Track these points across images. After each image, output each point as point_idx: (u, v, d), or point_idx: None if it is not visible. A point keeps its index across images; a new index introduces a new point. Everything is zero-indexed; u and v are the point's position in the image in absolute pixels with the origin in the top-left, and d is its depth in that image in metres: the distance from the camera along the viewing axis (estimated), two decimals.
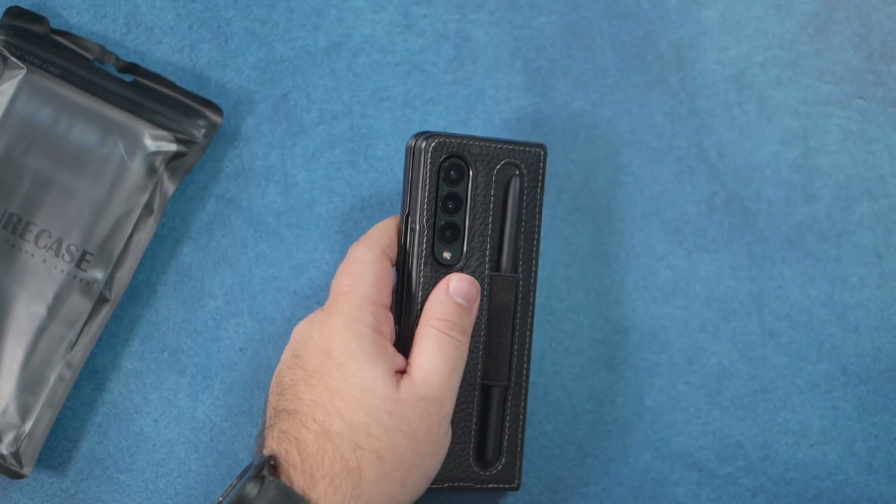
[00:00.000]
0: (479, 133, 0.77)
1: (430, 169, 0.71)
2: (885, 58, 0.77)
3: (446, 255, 0.72)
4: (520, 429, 0.72)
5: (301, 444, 0.65)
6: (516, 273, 0.72)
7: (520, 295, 0.72)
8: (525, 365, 0.72)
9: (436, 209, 0.71)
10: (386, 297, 0.69)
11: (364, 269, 0.69)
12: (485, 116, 0.77)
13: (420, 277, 0.71)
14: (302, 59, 0.77)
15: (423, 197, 0.71)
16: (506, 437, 0.72)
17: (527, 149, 0.72)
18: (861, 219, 0.76)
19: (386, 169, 0.77)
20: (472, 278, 0.71)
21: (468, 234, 0.72)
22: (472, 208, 0.72)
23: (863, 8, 0.78)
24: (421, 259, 0.71)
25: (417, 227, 0.71)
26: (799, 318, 0.76)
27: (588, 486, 0.74)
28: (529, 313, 0.72)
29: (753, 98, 0.77)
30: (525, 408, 0.72)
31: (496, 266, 0.72)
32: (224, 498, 0.65)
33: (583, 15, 0.78)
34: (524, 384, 0.72)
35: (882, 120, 0.77)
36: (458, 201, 0.72)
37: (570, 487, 0.74)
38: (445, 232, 0.71)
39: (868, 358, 0.75)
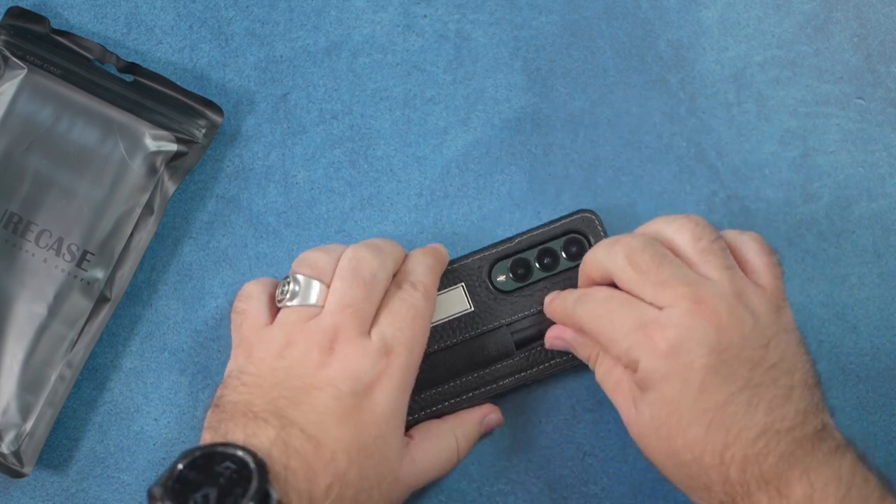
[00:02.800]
0: (481, 131, 0.77)
1: (560, 222, 0.74)
2: (884, 58, 0.77)
3: (501, 278, 0.74)
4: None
5: (314, 476, 0.64)
6: (533, 344, 0.73)
7: (520, 363, 0.73)
8: (470, 392, 0.73)
9: (532, 244, 0.74)
10: None
11: (423, 325, 0.70)
12: (485, 116, 0.77)
13: (465, 269, 0.74)
14: (302, 59, 0.77)
15: (536, 230, 0.74)
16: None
17: None
18: (860, 219, 0.76)
19: (386, 169, 0.77)
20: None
21: (528, 289, 0.74)
22: (553, 278, 0.74)
23: (862, 8, 0.78)
24: (481, 263, 0.74)
25: (506, 241, 0.74)
26: (798, 317, 0.75)
27: (588, 486, 0.74)
28: (513, 377, 0.73)
29: (753, 98, 0.77)
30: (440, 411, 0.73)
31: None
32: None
33: (582, 15, 0.78)
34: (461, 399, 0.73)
35: (881, 120, 0.77)
36: (554, 261, 0.74)
37: (569, 487, 0.74)
38: (518, 268, 0.73)
39: (867, 357, 0.76)
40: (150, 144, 0.74)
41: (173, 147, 0.74)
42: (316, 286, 0.69)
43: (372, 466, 0.66)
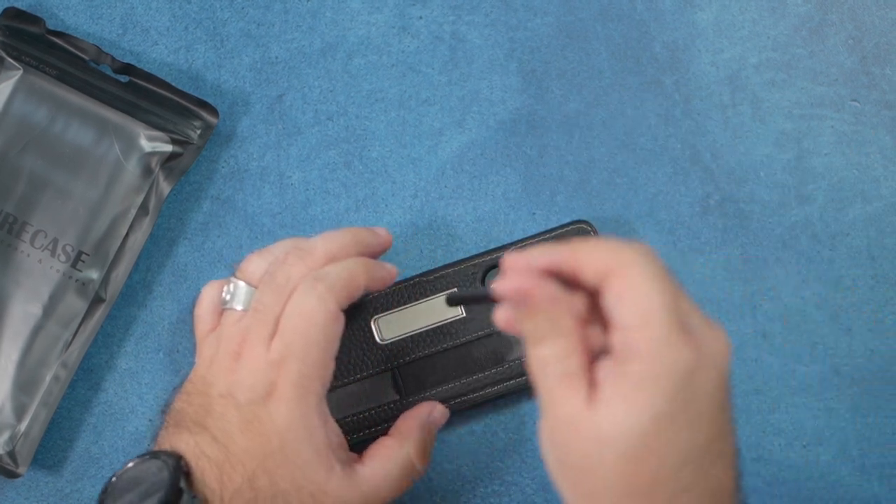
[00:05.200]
0: (476, 133, 0.77)
1: (554, 232, 0.74)
2: (878, 60, 0.78)
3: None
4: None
5: (224, 477, 0.64)
6: (506, 363, 0.74)
7: (509, 371, 0.73)
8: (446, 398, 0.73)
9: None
10: (335, 353, 0.67)
11: (318, 331, 0.66)
12: (480, 118, 0.77)
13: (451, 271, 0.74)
14: (297, 60, 0.77)
15: (529, 239, 0.74)
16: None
17: None
18: (854, 221, 0.76)
19: (381, 170, 0.77)
20: None
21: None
22: None
23: (857, 10, 0.78)
24: (474, 270, 0.73)
25: (500, 248, 0.74)
26: (792, 319, 0.76)
27: None
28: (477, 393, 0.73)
29: (747, 100, 0.77)
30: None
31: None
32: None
33: (577, 17, 0.78)
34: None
35: (876, 122, 0.77)
36: None
37: None
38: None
39: (861, 359, 0.76)
40: (146, 145, 0.74)
41: (168, 148, 0.75)
42: (242, 290, 0.68)
43: (285, 476, 0.65)
